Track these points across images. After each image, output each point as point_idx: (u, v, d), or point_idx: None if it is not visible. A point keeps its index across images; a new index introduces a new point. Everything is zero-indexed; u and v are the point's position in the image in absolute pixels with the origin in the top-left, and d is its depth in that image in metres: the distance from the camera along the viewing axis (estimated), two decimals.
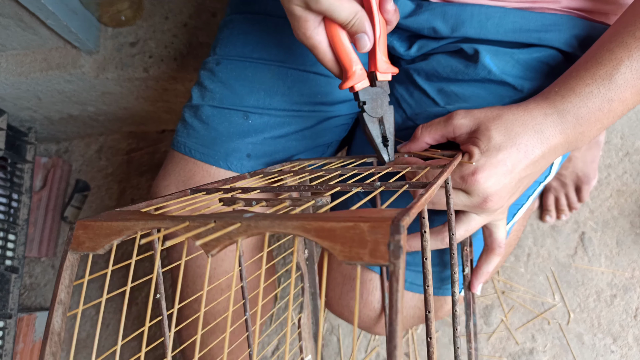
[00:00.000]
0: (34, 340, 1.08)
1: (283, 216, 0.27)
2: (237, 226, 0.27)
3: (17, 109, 1.11)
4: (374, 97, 0.50)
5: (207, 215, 0.29)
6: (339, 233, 0.25)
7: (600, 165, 1.02)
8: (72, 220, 1.23)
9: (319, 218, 0.26)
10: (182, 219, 0.29)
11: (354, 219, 0.25)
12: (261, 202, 0.34)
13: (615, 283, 0.95)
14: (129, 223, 0.30)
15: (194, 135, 0.63)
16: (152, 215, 0.31)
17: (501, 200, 0.47)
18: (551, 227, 1.00)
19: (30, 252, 1.16)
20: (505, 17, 0.55)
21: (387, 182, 0.37)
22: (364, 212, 0.26)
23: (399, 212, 0.25)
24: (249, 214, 0.28)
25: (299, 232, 0.25)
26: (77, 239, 0.31)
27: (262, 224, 0.27)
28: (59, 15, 0.84)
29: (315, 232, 0.25)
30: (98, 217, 0.32)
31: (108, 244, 0.30)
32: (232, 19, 0.66)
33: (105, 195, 1.26)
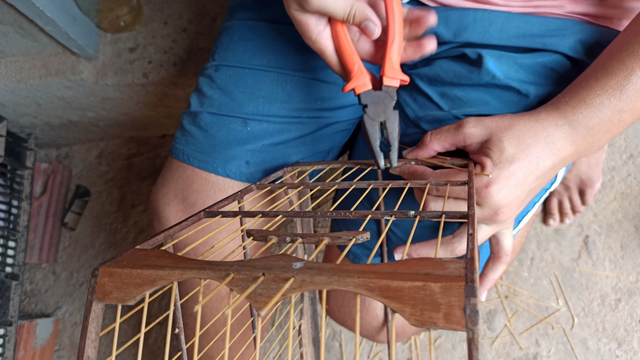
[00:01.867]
0: (35, 348, 1.07)
1: (341, 271, 0.25)
2: (290, 282, 0.25)
3: (17, 115, 1.11)
4: (378, 101, 0.49)
5: (252, 263, 0.27)
6: (407, 294, 0.23)
7: (604, 168, 1.01)
8: (73, 227, 1.23)
9: (383, 275, 0.24)
10: (225, 269, 0.26)
11: (421, 277, 0.23)
12: (297, 239, 0.32)
13: (619, 287, 0.94)
14: (163, 272, 0.27)
15: (193, 142, 0.62)
16: (187, 261, 0.28)
17: (511, 211, 0.47)
18: (555, 231, 0.99)
19: (31, 258, 1.16)
20: (509, 22, 0.55)
21: (422, 212, 0.35)
22: (425, 263, 0.24)
23: (466, 268, 0.23)
24: (298, 264, 0.26)
25: (361, 291, 0.24)
26: (103, 287, 0.28)
27: (318, 280, 0.25)
28: (57, 21, 0.84)
29: (381, 291, 0.23)
30: (122, 262, 0.29)
31: (140, 294, 0.27)
32: (231, 25, 0.65)
33: (106, 200, 1.25)
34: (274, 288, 0.25)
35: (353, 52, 0.47)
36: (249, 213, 0.39)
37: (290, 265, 0.26)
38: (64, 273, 1.21)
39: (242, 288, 0.26)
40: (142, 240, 0.33)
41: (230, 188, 0.61)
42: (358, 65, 0.48)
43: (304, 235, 0.32)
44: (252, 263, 0.27)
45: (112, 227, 1.23)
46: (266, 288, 0.25)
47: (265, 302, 0.25)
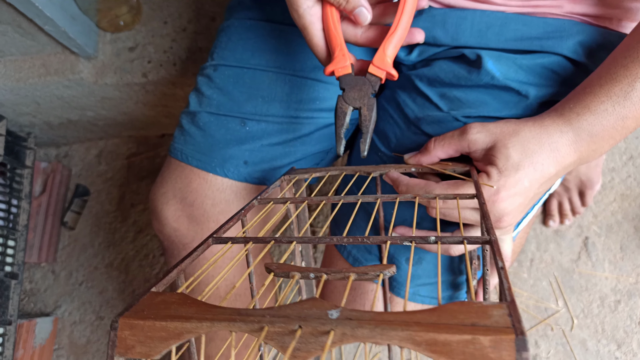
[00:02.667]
0: (34, 347, 1.07)
1: (384, 322, 0.24)
2: (332, 337, 0.24)
3: (16, 115, 1.11)
4: (357, 87, 0.48)
5: (285, 312, 0.25)
6: (455, 348, 0.22)
7: (604, 169, 1.00)
8: (72, 226, 1.23)
9: (428, 327, 0.23)
10: (257, 320, 0.25)
11: (469, 329, 0.22)
12: (322, 276, 0.31)
13: (619, 288, 0.94)
14: (189, 325, 0.25)
15: (191, 142, 0.62)
16: (214, 311, 0.26)
17: (514, 218, 0.47)
18: (554, 232, 0.99)
19: (30, 257, 1.16)
20: (506, 24, 0.55)
21: (443, 237, 0.34)
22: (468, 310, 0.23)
23: (511, 315, 0.23)
24: (335, 313, 0.25)
25: (407, 345, 0.23)
26: (124, 341, 0.26)
27: (360, 333, 0.23)
28: (56, 21, 0.84)
29: (427, 345, 0.22)
30: (142, 311, 0.27)
31: (166, 348, 0.26)
32: (230, 25, 0.65)
33: (105, 200, 1.25)
34: (312, 342, 0.24)
35: (339, 35, 0.46)
36: (260, 239, 0.38)
37: (325, 314, 0.25)
38: (64, 272, 1.21)
39: (277, 342, 0.25)
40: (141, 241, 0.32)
41: (229, 188, 0.61)
42: (340, 47, 0.47)
43: (329, 272, 0.31)
44: (285, 312, 0.26)
45: (111, 226, 1.23)
46: (304, 342, 0.24)
47: (305, 357, 0.24)
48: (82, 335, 1.15)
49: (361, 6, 0.45)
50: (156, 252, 1.18)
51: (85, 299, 1.18)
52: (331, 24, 0.46)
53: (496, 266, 0.29)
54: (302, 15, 0.47)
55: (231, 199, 0.61)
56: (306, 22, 0.47)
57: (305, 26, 0.47)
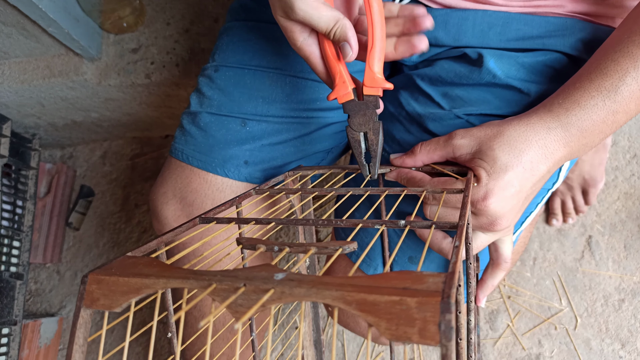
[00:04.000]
0: (39, 347, 1.08)
1: (320, 284, 0.25)
2: (270, 294, 0.25)
3: (21, 116, 1.12)
4: (360, 112, 0.48)
5: (235, 274, 0.27)
6: (383, 308, 0.23)
7: (607, 168, 1.00)
8: (77, 227, 1.24)
9: (361, 288, 0.24)
10: (208, 279, 0.27)
11: (399, 292, 0.23)
12: (284, 249, 0.32)
13: (623, 287, 0.93)
14: (148, 281, 0.28)
15: (192, 142, 0.62)
16: (172, 270, 0.28)
17: (509, 220, 0.47)
18: (558, 231, 0.99)
19: (35, 258, 1.16)
20: (508, 24, 0.55)
21: (413, 222, 0.35)
22: (405, 277, 0.24)
23: (445, 282, 0.23)
24: (280, 275, 0.26)
25: (339, 304, 0.24)
26: (91, 294, 0.28)
27: (297, 292, 0.25)
28: (60, 23, 0.85)
29: (357, 305, 0.23)
30: (111, 269, 0.29)
31: (126, 302, 0.28)
32: (231, 26, 0.65)
33: (110, 200, 1.26)
34: (254, 299, 0.25)
35: (336, 63, 0.47)
36: (243, 220, 0.38)
37: (272, 276, 0.26)
38: (68, 273, 1.22)
39: (223, 298, 0.26)
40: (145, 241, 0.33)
41: (229, 188, 0.62)
42: (340, 75, 0.47)
43: (292, 245, 0.32)
44: (235, 273, 0.27)
45: (115, 227, 1.23)
46: (246, 299, 0.25)
47: (244, 312, 0.25)
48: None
49: (344, 41, 0.45)
50: None
51: None
52: (329, 53, 0.47)
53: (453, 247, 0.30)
54: (301, 47, 0.47)
55: None
56: (306, 53, 0.48)
57: (306, 57, 0.48)
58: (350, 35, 0.45)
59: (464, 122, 0.58)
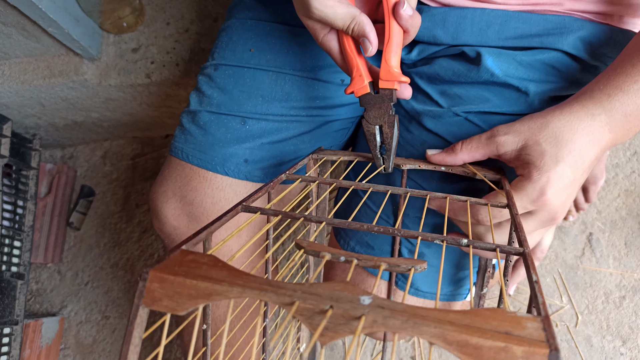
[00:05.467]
0: (41, 346, 1.08)
1: (417, 317, 0.24)
2: (363, 321, 0.24)
3: (22, 116, 1.12)
4: (376, 105, 0.49)
5: (316, 291, 0.26)
6: (486, 353, 0.22)
7: (607, 165, 1.00)
8: (78, 226, 1.24)
9: (461, 328, 0.23)
10: (289, 294, 0.25)
11: (502, 337, 0.22)
12: (353, 260, 0.31)
13: (624, 284, 0.93)
14: (220, 288, 0.26)
15: (192, 141, 0.62)
16: (245, 278, 0.27)
17: (565, 210, 0.46)
18: (558, 228, 0.99)
19: (36, 258, 1.17)
20: (507, 23, 0.55)
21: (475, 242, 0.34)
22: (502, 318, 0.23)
23: (545, 330, 0.23)
24: (366, 299, 0.25)
25: (438, 342, 0.23)
26: (152, 293, 0.26)
27: (391, 324, 0.23)
28: (60, 23, 0.85)
29: (459, 346, 0.22)
30: (173, 267, 0.27)
31: (193, 307, 0.26)
32: (230, 25, 0.66)
33: (111, 200, 1.26)
34: (342, 324, 0.24)
35: (354, 57, 0.47)
36: (288, 214, 0.38)
37: (357, 299, 0.25)
38: (69, 272, 1.22)
39: (306, 319, 0.25)
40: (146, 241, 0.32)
41: (229, 186, 0.62)
42: (357, 69, 0.48)
43: (360, 258, 0.31)
44: (317, 290, 0.26)
45: (116, 226, 1.23)
46: (333, 323, 0.24)
47: (332, 337, 0.24)
48: (88, 335, 1.16)
49: (364, 37, 0.46)
50: (161, 252, 1.18)
51: (91, 299, 1.19)
52: (347, 47, 0.47)
53: (529, 280, 0.29)
54: (322, 43, 0.49)
55: (231, 197, 0.62)
56: (327, 48, 0.49)
57: (328, 50, 0.49)
58: (369, 30, 0.45)
59: (462, 119, 0.58)
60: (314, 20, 0.47)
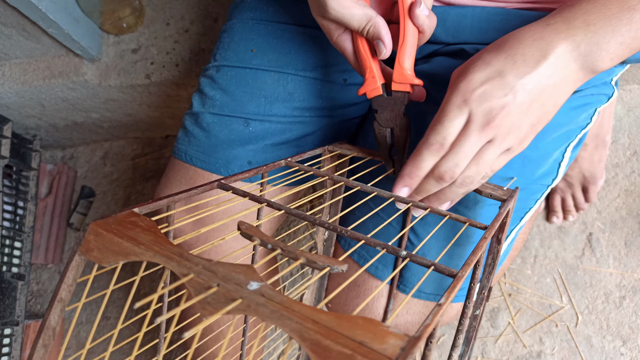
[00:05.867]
0: None
1: (286, 310, 0.25)
2: (237, 303, 0.26)
3: (22, 117, 1.12)
4: (388, 107, 0.49)
5: (216, 269, 0.28)
6: (334, 356, 0.23)
7: (607, 165, 1.00)
8: (78, 227, 1.24)
9: (321, 329, 0.24)
10: (189, 266, 0.28)
11: (353, 346, 0.23)
12: (277, 249, 0.32)
13: (624, 284, 0.93)
14: (137, 249, 0.29)
15: (195, 143, 0.62)
16: (163, 245, 0.30)
17: (510, 119, 0.40)
18: (558, 228, 0.99)
19: (37, 259, 1.17)
20: (507, 21, 0.55)
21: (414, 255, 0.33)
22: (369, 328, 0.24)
23: (403, 349, 0.23)
24: (255, 285, 0.26)
25: (295, 337, 0.24)
26: (88, 243, 0.30)
27: (261, 310, 0.25)
28: (60, 24, 0.85)
29: (311, 344, 0.23)
30: (111, 224, 0.30)
31: (114, 262, 0.29)
32: (232, 25, 0.66)
33: (111, 201, 1.26)
34: (222, 302, 0.26)
35: (367, 58, 0.48)
36: (256, 198, 0.38)
37: (247, 283, 0.27)
38: None
39: (195, 290, 0.27)
40: None
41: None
42: (370, 70, 0.48)
43: (284, 248, 0.32)
44: (216, 268, 0.28)
45: None
46: (215, 299, 0.26)
47: (211, 312, 0.25)
48: (88, 336, 1.16)
49: (378, 39, 0.46)
50: None
51: (91, 300, 1.19)
52: (361, 48, 0.48)
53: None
54: (336, 43, 0.49)
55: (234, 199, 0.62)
56: (341, 48, 0.49)
57: (342, 51, 0.49)
58: (384, 33, 0.45)
59: None
60: (329, 20, 0.47)
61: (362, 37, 0.47)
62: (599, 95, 0.58)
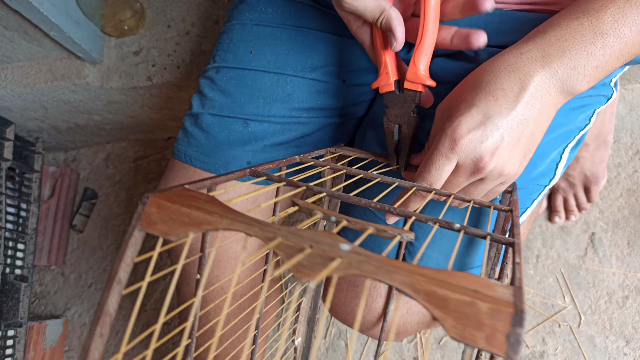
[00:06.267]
0: (44, 349, 1.09)
1: (390, 265, 0.24)
2: (337, 262, 0.24)
3: (25, 120, 1.13)
4: (398, 104, 0.49)
5: (299, 232, 0.27)
6: (452, 305, 0.23)
7: (609, 165, 1.00)
8: (81, 229, 1.24)
9: (431, 280, 0.24)
10: (273, 231, 0.26)
11: (470, 293, 0.23)
12: (342, 221, 0.32)
13: (627, 284, 0.93)
14: (211, 218, 0.27)
15: (195, 143, 0.63)
16: (235, 213, 0.28)
17: (498, 158, 0.41)
18: (560, 228, 0.99)
19: (40, 260, 1.17)
20: (505, 22, 0.55)
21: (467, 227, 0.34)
22: (474, 280, 0.24)
23: (515, 296, 0.23)
24: (346, 246, 0.25)
25: (406, 290, 0.23)
26: (149, 217, 0.28)
27: (365, 268, 0.24)
28: (61, 26, 0.85)
29: (427, 295, 0.23)
30: (172, 197, 0.28)
31: (184, 233, 0.27)
32: (230, 27, 0.66)
33: (114, 203, 1.27)
34: (319, 263, 0.25)
35: (383, 52, 0.48)
36: (293, 183, 0.38)
37: (337, 245, 0.26)
38: (73, 275, 1.23)
39: (287, 254, 0.25)
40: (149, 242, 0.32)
41: (232, 189, 0.62)
42: (384, 65, 0.48)
43: (350, 220, 0.32)
44: (300, 232, 0.27)
45: (119, 228, 1.24)
46: (311, 261, 0.25)
47: (308, 274, 0.24)
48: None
49: (390, 31, 0.46)
50: (164, 254, 1.19)
51: (94, 301, 1.19)
52: (378, 42, 0.48)
53: (513, 262, 0.29)
54: (356, 34, 0.49)
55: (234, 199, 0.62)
56: (359, 40, 0.50)
57: (361, 42, 0.50)
58: (395, 25, 0.45)
59: None
60: (346, 12, 0.47)
61: (378, 30, 0.47)
62: (598, 96, 0.58)
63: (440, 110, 0.45)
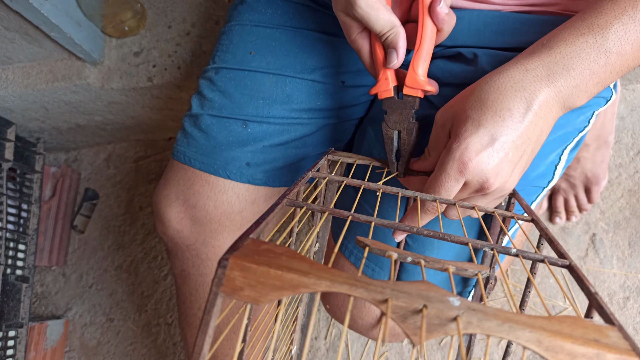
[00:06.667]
0: (45, 349, 1.09)
1: (510, 321, 0.24)
2: (460, 323, 0.24)
3: (26, 120, 1.13)
4: (397, 110, 0.49)
5: (404, 289, 0.25)
6: (579, 358, 0.23)
7: (611, 165, 1.00)
8: (82, 229, 1.24)
9: (555, 334, 0.23)
10: (380, 290, 0.24)
11: (594, 344, 0.23)
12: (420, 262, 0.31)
13: (628, 285, 0.93)
14: (308, 280, 0.25)
15: (194, 144, 0.63)
16: (331, 271, 0.26)
17: (504, 177, 0.42)
18: (561, 229, 0.99)
19: (41, 261, 1.17)
20: (504, 24, 0.54)
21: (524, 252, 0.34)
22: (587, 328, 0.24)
23: (630, 342, 0.23)
24: (455, 301, 0.24)
25: (531, 347, 0.23)
26: (232, 281, 0.25)
27: (487, 326, 0.23)
28: (62, 27, 0.85)
29: (553, 352, 0.23)
30: (252, 256, 0.26)
31: (277, 298, 0.25)
32: (230, 28, 0.66)
33: (114, 203, 1.27)
34: (435, 324, 0.24)
35: (383, 60, 0.48)
36: (336, 212, 0.37)
37: (447, 300, 0.24)
38: (74, 275, 1.23)
39: (399, 316, 0.24)
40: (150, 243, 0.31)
41: (231, 189, 0.62)
42: (383, 72, 0.48)
43: (428, 259, 0.31)
44: (404, 288, 0.25)
45: (120, 229, 1.24)
46: (427, 322, 0.24)
47: (426, 337, 0.23)
48: (92, 337, 1.16)
49: (393, 49, 0.46)
50: (164, 254, 1.19)
51: (95, 301, 1.19)
52: (377, 50, 0.48)
53: (586, 292, 0.29)
54: (354, 41, 0.49)
55: (233, 200, 0.62)
56: (357, 47, 0.49)
57: (357, 50, 0.50)
58: (401, 44, 0.46)
59: None
60: (352, 18, 0.47)
61: (379, 42, 0.47)
62: (597, 98, 0.58)
63: (442, 118, 0.45)
